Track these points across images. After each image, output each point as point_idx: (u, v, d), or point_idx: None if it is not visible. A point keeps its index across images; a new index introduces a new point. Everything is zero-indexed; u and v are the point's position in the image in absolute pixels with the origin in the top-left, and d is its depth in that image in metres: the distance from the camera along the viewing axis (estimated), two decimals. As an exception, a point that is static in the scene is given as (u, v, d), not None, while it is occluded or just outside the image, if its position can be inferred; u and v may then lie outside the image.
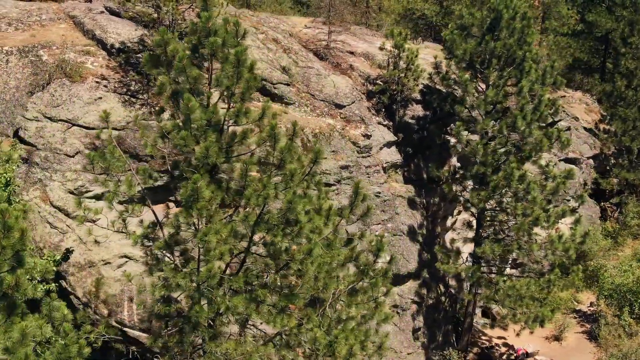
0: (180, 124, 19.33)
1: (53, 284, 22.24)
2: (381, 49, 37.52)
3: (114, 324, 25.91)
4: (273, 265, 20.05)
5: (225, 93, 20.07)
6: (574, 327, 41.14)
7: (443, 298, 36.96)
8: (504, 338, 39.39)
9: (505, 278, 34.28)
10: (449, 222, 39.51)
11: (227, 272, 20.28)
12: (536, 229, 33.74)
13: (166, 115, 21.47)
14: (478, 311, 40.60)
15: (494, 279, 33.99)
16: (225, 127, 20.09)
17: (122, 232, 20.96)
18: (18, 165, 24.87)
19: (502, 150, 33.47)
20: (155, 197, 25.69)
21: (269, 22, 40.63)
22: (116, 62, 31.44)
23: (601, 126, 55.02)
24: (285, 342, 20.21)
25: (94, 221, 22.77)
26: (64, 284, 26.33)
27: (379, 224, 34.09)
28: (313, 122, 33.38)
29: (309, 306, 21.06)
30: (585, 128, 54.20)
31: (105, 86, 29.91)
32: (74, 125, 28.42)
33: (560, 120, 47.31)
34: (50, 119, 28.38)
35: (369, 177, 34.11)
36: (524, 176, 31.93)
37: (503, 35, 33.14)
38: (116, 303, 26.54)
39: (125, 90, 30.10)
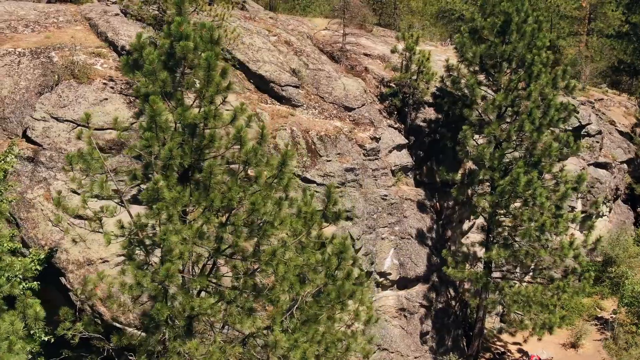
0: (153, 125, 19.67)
1: (35, 283, 22.78)
2: (393, 51, 37.48)
3: (110, 320, 26.48)
4: (242, 267, 20.34)
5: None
6: (594, 335, 40.54)
7: (453, 302, 36.76)
8: (519, 344, 38.94)
9: (512, 283, 33.94)
10: (465, 226, 39.27)
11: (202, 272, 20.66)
12: (549, 235, 33.53)
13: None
14: (497, 317, 40.26)
15: (500, 284, 33.68)
16: (201, 129, 20.36)
17: (98, 231, 21.37)
18: (13, 166, 25.46)
19: (511, 154, 33.22)
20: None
21: (289, 23, 40.91)
22: (126, 63, 31.95)
23: (637, 130, 54.05)
24: (255, 344, 20.43)
25: (90, 219, 23.32)
26: (63, 280, 26.98)
27: (386, 226, 34.06)
28: (319, 125, 33.51)
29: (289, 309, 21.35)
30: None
31: (112, 87, 30.46)
32: (79, 125, 28.94)
33: (589, 124, 46.61)
34: (56, 119, 29.01)
35: (375, 179, 34.09)
36: (530, 181, 31.55)
37: (513, 38, 32.85)
38: (112, 300, 26.99)
39: (131, 91, 30.62)
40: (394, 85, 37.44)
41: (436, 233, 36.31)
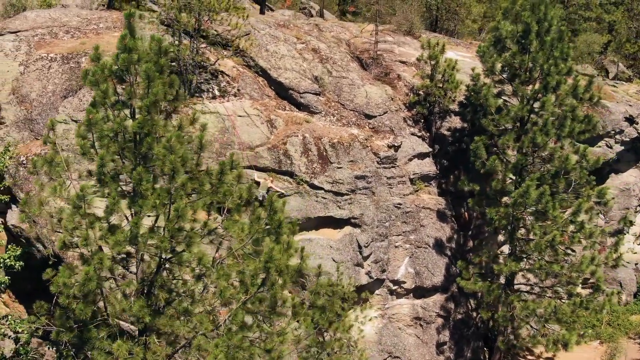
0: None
1: (6, 277, 24.40)
2: (418, 59, 37.43)
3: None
4: (178, 271, 21.22)
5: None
6: (636, 354, 39.10)
7: (474, 314, 36.27)
8: (551, 359, 38.11)
9: (524, 297, 33.29)
10: (501, 237, 38.59)
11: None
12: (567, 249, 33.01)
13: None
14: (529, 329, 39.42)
15: (509, 297, 33.11)
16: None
17: (57, 231, 22.61)
18: (6, 167, 27.18)
19: (525, 166, 32.75)
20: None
21: (331, 30, 41.51)
22: (149, 69, 33.30)
23: None
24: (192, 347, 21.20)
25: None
26: (68, 275, 28.57)
27: (400, 235, 34.09)
28: (334, 132, 33.88)
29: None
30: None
31: (128, 92, 31.86)
32: (93, 128, 30.51)
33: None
34: (76, 122, 30.63)
35: (391, 187, 34.17)
36: (543, 194, 30.93)
37: (533, 48, 32.27)
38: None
39: (148, 96, 31.87)
40: (422, 93, 37.32)
41: (457, 243, 35.98)
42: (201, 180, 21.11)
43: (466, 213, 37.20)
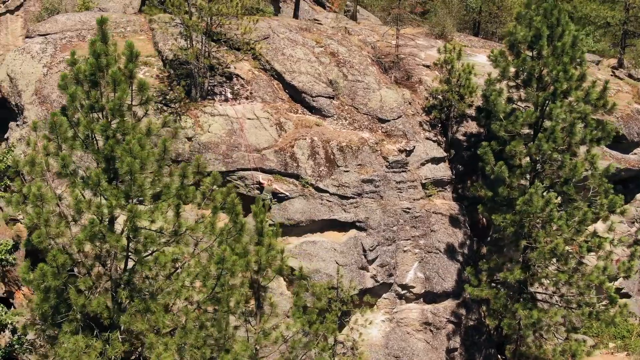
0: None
1: (-3, 268, 25.68)
2: (435, 64, 37.25)
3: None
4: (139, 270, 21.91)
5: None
6: (662, 366, 38.10)
7: (487, 321, 35.85)
8: (571, 370, 37.42)
9: (529, 306, 32.68)
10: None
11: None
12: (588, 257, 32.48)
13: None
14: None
15: (514, 306, 32.61)
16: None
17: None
18: (7, 165, 28.40)
19: (538, 173, 32.30)
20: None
21: (359, 33, 41.73)
22: (167, 72, 34.24)
23: None
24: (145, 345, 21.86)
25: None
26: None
27: (409, 239, 34.05)
28: (344, 135, 34.07)
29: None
30: None
31: (144, 95, 32.70)
32: (106, 129, 31.49)
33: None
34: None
35: (400, 192, 34.16)
36: (548, 202, 30.51)
37: (544, 53, 31.81)
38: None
39: (160, 98, 32.74)
40: (440, 98, 37.12)
41: (470, 249, 35.67)
42: (166, 183, 21.77)
43: (484, 219, 36.85)
